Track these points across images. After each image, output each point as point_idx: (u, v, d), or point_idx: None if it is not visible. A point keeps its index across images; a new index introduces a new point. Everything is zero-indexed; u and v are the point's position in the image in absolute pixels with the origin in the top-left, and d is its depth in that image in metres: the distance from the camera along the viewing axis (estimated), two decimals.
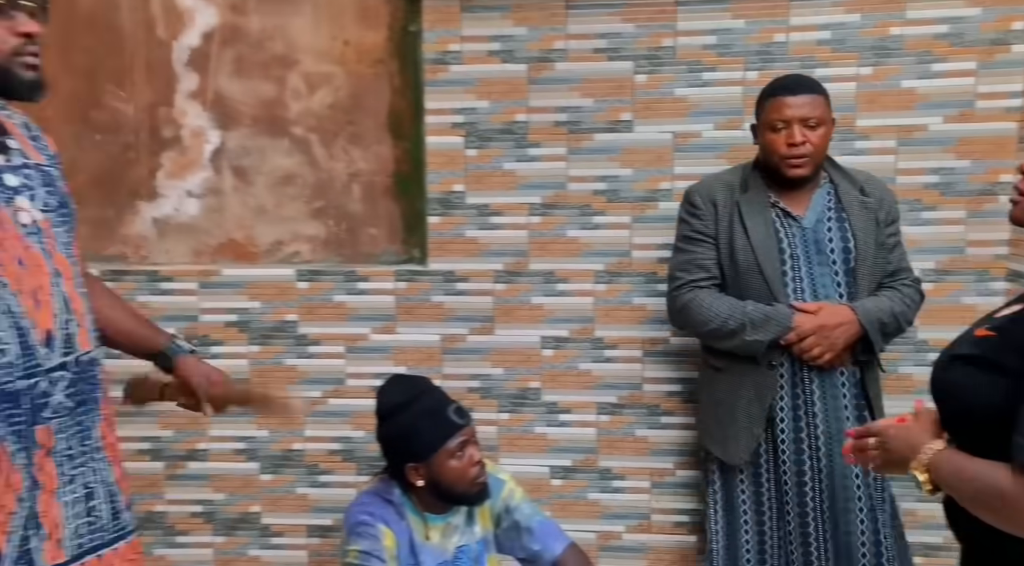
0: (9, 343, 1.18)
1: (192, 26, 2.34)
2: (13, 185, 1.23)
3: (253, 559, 2.53)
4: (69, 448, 1.26)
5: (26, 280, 1.20)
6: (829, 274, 1.89)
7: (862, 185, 1.94)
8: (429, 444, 1.72)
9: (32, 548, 1.22)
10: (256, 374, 2.45)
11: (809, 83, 1.91)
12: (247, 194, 2.42)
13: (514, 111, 2.29)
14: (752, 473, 1.95)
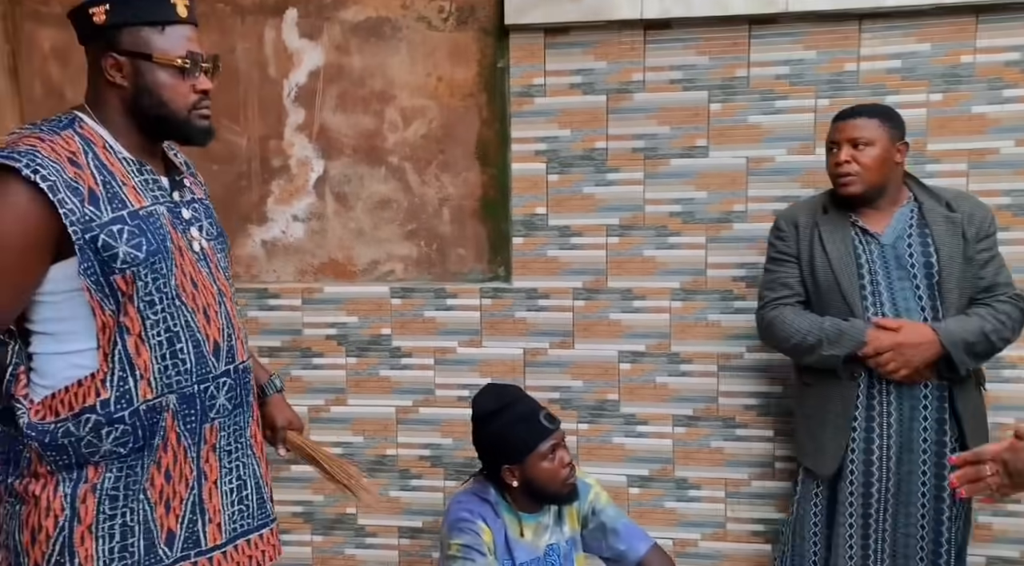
0: (188, 353, 1.37)
1: (300, 66, 2.57)
2: (187, 218, 1.43)
3: (349, 557, 2.71)
4: (228, 444, 1.45)
5: (199, 299, 1.39)
6: (911, 288, 1.92)
7: (948, 201, 1.97)
8: (523, 447, 1.86)
9: (197, 530, 1.41)
10: (352, 384, 2.65)
11: (867, 108, 1.98)
12: (347, 218, 2.62)
13: (594, 139, 2.44)
14: (828, 484, 2.01)
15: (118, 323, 1.30)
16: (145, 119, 1.37)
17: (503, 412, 1.91)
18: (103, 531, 1.33)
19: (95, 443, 1.31)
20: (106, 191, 1.30)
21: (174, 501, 1.38)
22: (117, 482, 1.33)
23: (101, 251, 1.27)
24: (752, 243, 2.39)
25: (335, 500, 2.67)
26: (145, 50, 1.34)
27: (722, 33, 2.34)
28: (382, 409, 2.64)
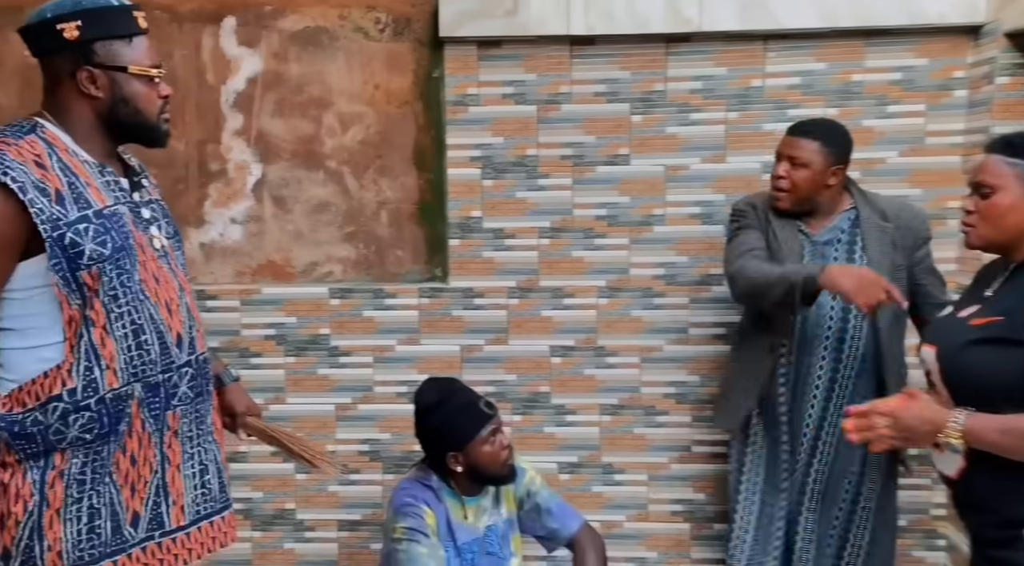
0: (152, 344, 1.44)
1: (238, 72, 2.62)
2: (147, 217, 1.50)
3: (288, 552, 2.77)
4: (190, 431, 1.52)
5: (161, 294, 1.46)
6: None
7: (884, 211, 2.11)
8: (465, 434, 1.99)
9: (161, 512, 1.48)
10: (291, 383, 2.72)
11: (813, 128, 2.10)
12: (285, 220, 2.69)
13: (525, 147, 2.59)
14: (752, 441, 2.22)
15: (84, 316, 1.37)
16: (119, 126, 1.45)
17: (445, 404, 2.03)
18: (71, 514, 1.39)
19: (62, 430, 1.37)
20: (71, 191, 1.36)
21: (139, 484, 1.45)
22: (84, 467, 1.39)
23: (68, 248, 1.34)
24: (670, 244, 2.59)
25: (274, 496, 2.74)
26: (120, 63, 1.41)
27: (642, 50, 2.53)
28: (321, 407, 2.72)
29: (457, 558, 2.03)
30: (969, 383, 1.45)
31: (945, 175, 2.50)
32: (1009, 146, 1.49)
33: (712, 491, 2.67)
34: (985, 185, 1.49)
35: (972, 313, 1.50)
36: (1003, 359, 1.39)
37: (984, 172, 1.50)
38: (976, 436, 1.38)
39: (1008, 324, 1.40)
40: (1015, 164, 1.46)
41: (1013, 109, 2.34)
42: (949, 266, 2.51)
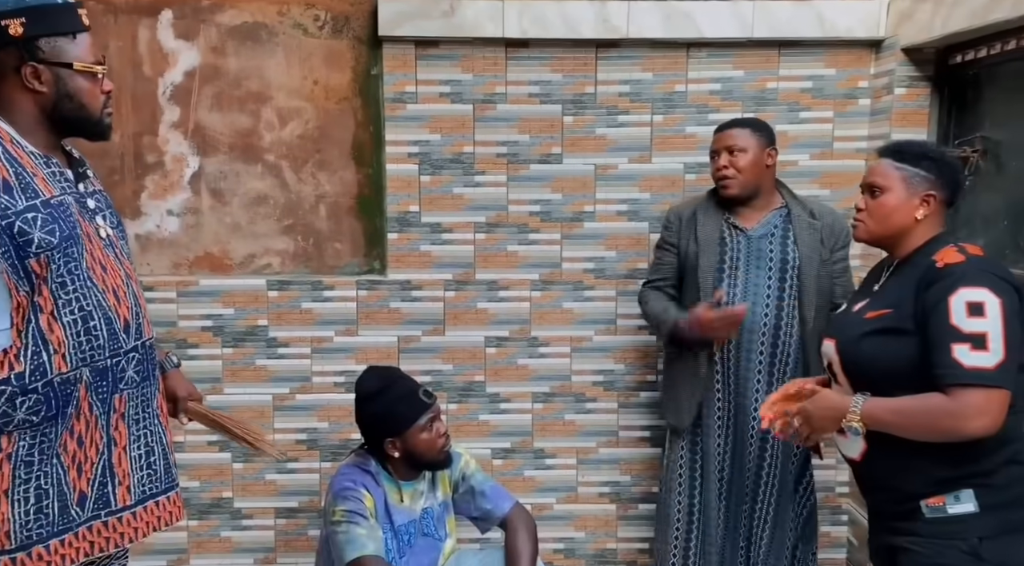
0: (101, 330, 1.48)
1: (176, 65, 2.63)
2: (92, 207, 1.54)
3: (225, 540, 2.81)
4: (136, 413, 1.56)
5: (108, 281, 1.51)
6: (764, 278, 2.21)
7: (812, 210, 2.26)
8: (404, 421, 2.07)
9: (108, 492, 1.52)
10: (229, 373, 2.74)
11: (740, 121, 2.27)
12: (223, 213, 2.72)
13: (462, 144, 2.68)
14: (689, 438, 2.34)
15: (32, 302, 1.40)
16: (63, 120, 1.48)
17: (385, 392, 2.10)
18: (19, 495, 1.42)
19: (9, 413, 1.40)
20: (19, 182, 1.40)
21: (85, 465, 1.49)
22: (31, 448, 1.43)
23: (17, 236, 1.37)
24: (600, 240, 2.73)
25: (211, 485, 2.77)
26: (65, 59, 1.45)
27: (573, 54, 2.65)
28: (259, 397, 2.76)
29: (394, 539, 2.11)
30: (864, 371, 1.60)
31: (850, 177, 2.70)
32: (898, 152, 1.65)
33: (638, 473, 2.82)
34: (875, 186, 1.64)
35: (863, 306, 1.66)
36: (892, 347, 1.55)
37: (875, 174, 1.66)
38: (873, 418, 1.53)
39: (896, 315, 1.55)
40: (902, 168, 1.62)
41: (909, 117, 2.55)
42: (854, 262, 2.71)
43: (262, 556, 2.82)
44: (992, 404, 1.43)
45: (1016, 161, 2.26)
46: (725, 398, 2.28)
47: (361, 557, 1.95)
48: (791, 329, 2.22)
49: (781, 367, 2.23)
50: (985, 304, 1.45)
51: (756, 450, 2.27)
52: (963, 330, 1.44)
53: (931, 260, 1.54)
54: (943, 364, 1.46)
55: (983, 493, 1.50)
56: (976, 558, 1.49)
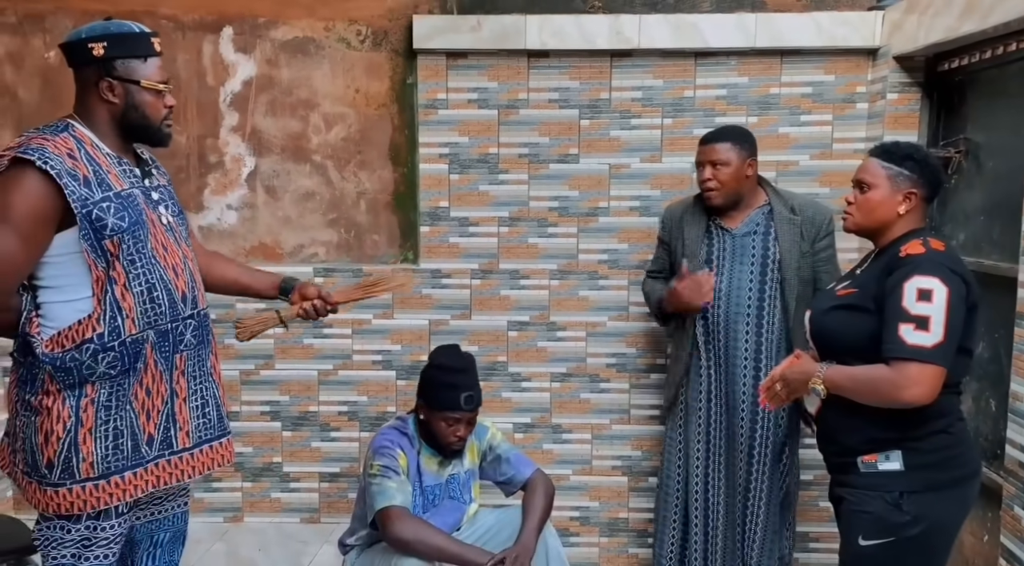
0: (162, 299, 1.77)
1: (235, 76, 2.96)
2: (156, 199, 1.83)
3: (275, 501, 3.13)
4: (194, 371, 1.85)
5: (168, 260, 1.80)
6: (747, 273, 2.39)
7: (793, 206, 2.42)
8: (435, 404, 2.31)
9: (171, 435, 1.82)
10: (280, 351, 3.06)
11: (723, 133, 2.40)
12: (275, 207, 3.04)
13: (488, 146, 2.95)
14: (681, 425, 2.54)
15: (108, 276, 1.70)
16: (129, 127, 1.78)
17: (444, 372, 2.33)
18: (100, 433, 1.72)
19: (93, 366, 1.70)
20: (96, 177, 1.70)
21: (153, 412, 1.78)
22: (110, 397, 1.72)
23: (95, 222, 1.67)
24: (613, 233, 2.97)
25: (263, 451, 3.09)
26: (135, 77, 1.75)
27: (589, 63, 2.90)
28: (306, 372, 3.07)
29: (421, 497, 2.38)
30: (827, 340, 1.83)
31: (848, 176, 2.77)
32: (886, 153, 1.83)
33: (647, 449, 3.06)
34: (864, 182, 1.83)
35: (840, 287, 1.88)
36: (852, 322, 1.76)
37: (864, 171, 1.85)
38: (833, 383, 1.75)
39: (860, 295, 1.76)
40: (888, 167, 1.80)
41: (901, 121, 2.74)
42: (852, 255, 2.90)
43: (307, 516, 3.13)
44: (925, 376, 1.63)
45: (993, 161, 2.44)
46: (716, 381, 2.46)
47: (389, 506, 2.23)
48: (773, 317, 2.41)
49: (767, 352, 2.42)
50: (933, 291, 1.64)
51: (747, 429, 2.44)
52: (911, 312, 1.64)
53: (898, 250, 1.74)
54: (890, 339, 1.66)
55: (910, 455, 1.71)
56: (897, 508, 1.70)
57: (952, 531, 1.76)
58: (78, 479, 1.71)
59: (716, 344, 2.46)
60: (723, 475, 2.49)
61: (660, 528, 2.63)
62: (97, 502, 1.72)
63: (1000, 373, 2.27)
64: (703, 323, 2.46)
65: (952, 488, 1.73)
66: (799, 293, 2.41)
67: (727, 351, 2.44)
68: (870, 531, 1.73)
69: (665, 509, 2.62)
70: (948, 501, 1.73)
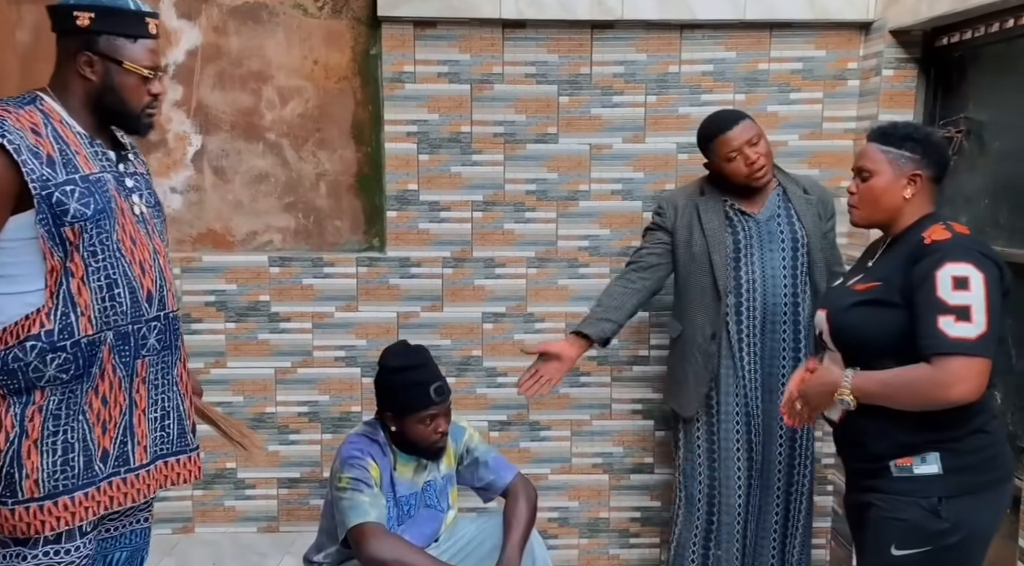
0: (124, 298, 1.57)
1: (178, 44, 2.68)
2: (130, 186, 1.63)
3: (229, 509, 2.89)
4: (156, 379, 1.65)
5: (136, 254, 1.60)
6: (779, 259, 2.26)
7: (804, 187, 2.33)
8: (406, 407, 2.12)
9: (128, 450, 1.62)
10: (232, 348, 2.81)
11: (735, 114, 2.26)
12: (225, 191, 2.77)
13: (460, 124, 2.74)
14: (706, 423, 2.36)
15: (64, 267, 1.51)
16: (105, 110, 1.59)
17: (401, 373, 2.15)
18: (47, 446, 1.52)
19: (40, 368, 1.49)
20: (61, 157, 1.51)
21: (109, 424, 1.58)
22: (60, 404, 1.53)
23: (55, 206, 1.48)
24: (594, 218, 2.79)
25: (215, 456, 2.84)
26: (117, 56, 1.55)
27: (569, 35, 2.70)
28: (261, 371, 2.83)
29: (395, 509, 2.19)
30: (850, 339, 1.68)
31: (839, 157, 2.77)
32: (884, 136, 1.71)
33: (629, 445, 2.91)
34: (864, 170, 1.71)
35: (856, 280, 1.74)
36: (878, 318, 1.62)
37: (863, 158, 1.73)
38: (862, 391, 1.61)
39: (884, 288, 1.63)
40: (888, 151, 1.68)
41: (897, 99, 2.61)
42: (840, 239, 2.79)
43: (265, 524, 2.90)
44: (972, 371, 1.50)
45: (997, 141, 2.33)
46: (752, 377, 2.29)
47: (363, 523, 2.03)
48: (806, 303, 2.29)
49: (805, 339, 2.28)
50: (970, 278, 1.52)
51: (787, 431, 2.30)
52: (948, 303, 1.51)
53: (920, 237, 1.61)
54: (929, 334, 1.53)
55: (948, 457, 1.58)
56: (935, 515, 1.58)
57: (989, 537, 1.65)
58: (21, 499, 1.51)
59: (753, 338, 2.29)
60: (761, 477, 2.34)
61: (679, 552, 2.43)
62: (42, 526, 1.53)
63: (1008, 365, 2.17)
64: (736, 318, 2.29)
65: (990, 491, 1.62)
66: (825, 275, 2.31)
67: (764, 343, 2.29)
68: (905, 540, 1.60)
69: (687, 522, 2.42)
70: (986, 504, 1.62)
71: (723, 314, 2.28)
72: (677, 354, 2.42)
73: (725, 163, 2.24)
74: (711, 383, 2.32)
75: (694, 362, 2.34)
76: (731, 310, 2.28)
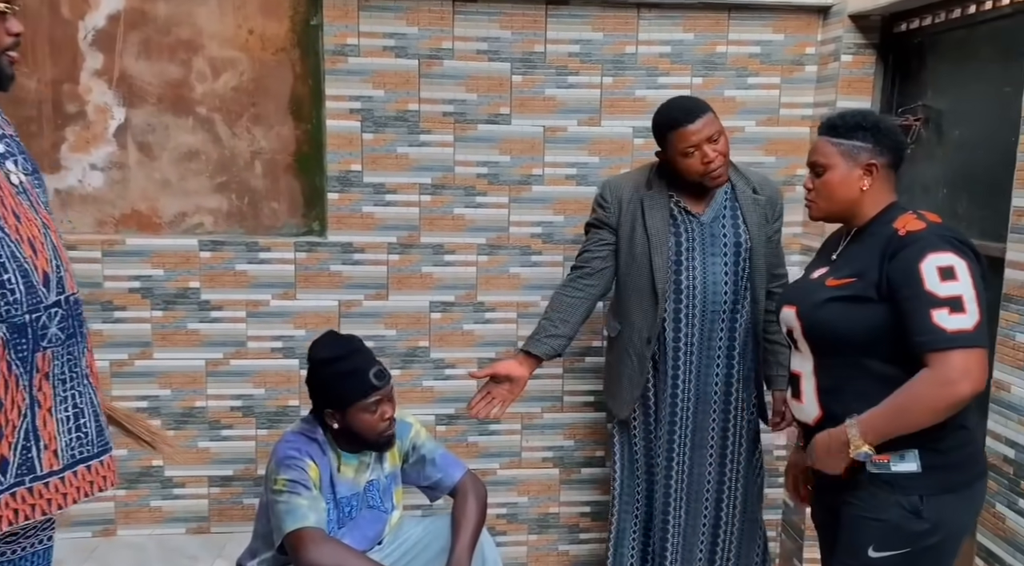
0: (16, 283, 1.35)
1: (98, 8, 2.45)
2: (1, 152, 1.40)
3: (155, 510, 2.70)
4: (62, 373, 1.44)
5: (23, 231, 1.37)
6: (720, 264, 2.12)
7: (755, 185, 2.17)
8: (346, 398, 1.97)
9: (32, 456, 1.40)
10: (159, 338, 2.62)
11: (698, 105, 2.06)
12: (151, 168, 2.56)
13: (407, 101, 2.59)
14: (643, 423, 2.26)
15: None
16: None
17: (335, 362, 2.00)
18: None
19: None
20: None
21: (7, 429, 1.37)
22: None
23: None
24: (548, 204, 2.68)
25: (139, 453, 2.65)
26: None
27: (523, 10, 2.57)
28: (191, 362, 2.64)
29: (336, 511, 2.05)
30: (826, 335, 1.61)
31: (795, 145, 2.71)
32: (833, 128, 1.64)
33: (581, 438, 2.82)
34: (818, 164, 1.65)
35: (823, 274, 1.67)
36: (853, 314, 1.55)
37: (816, 153, 1.66)
38: (874, 430, 1.50)
39: (859, 284, 1.56)
40: (839, 143, 1.62)
41: (855, 85, 2.57)
42: (796, 229, 2.75)
43: (195, 526, 2.72)
44: (974, 362, 1.44)
45: (956, 129, 2.30)
46: (686, 383, 2.19)
47: (301, 528, 1.89)
48: (745, 310, 2.18)
49: (739, 349, 2.19)
50: (955, 267, 1.46)
51: (718, 432, 2.22)
52: (939, 295, 1.45)
53: (892, 228, 1.55)
54: (924, 330, 1.45)
55: (928, 455, 1.52)
56: (916, 515, 1.52)
57: (964, 536, 1.61)
58: None
59: (690, 345, 2.18)
60: (686, 483, 2.25)
61: (617, 550, 2.36)
62: None
63: None
64: (674, 325, 2.17)
65: (969, 487, 1.57)
66: (767, 282, 2.20)
67: (700, 352, 2.18)
68: (884, 541, 1.54)
69: (623, 521, 2.35)
70: (966, 503, 1.57)
71: (660, 318, 2.16)
72: (614, 353, 2.31)
73: (680, 157, 2.06)
74: (646, 385, 2.22)
75: (629, 364, 2.23)
76: (669, 315, 2.16)
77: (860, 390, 1.56)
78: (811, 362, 1.65)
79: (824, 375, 1.62)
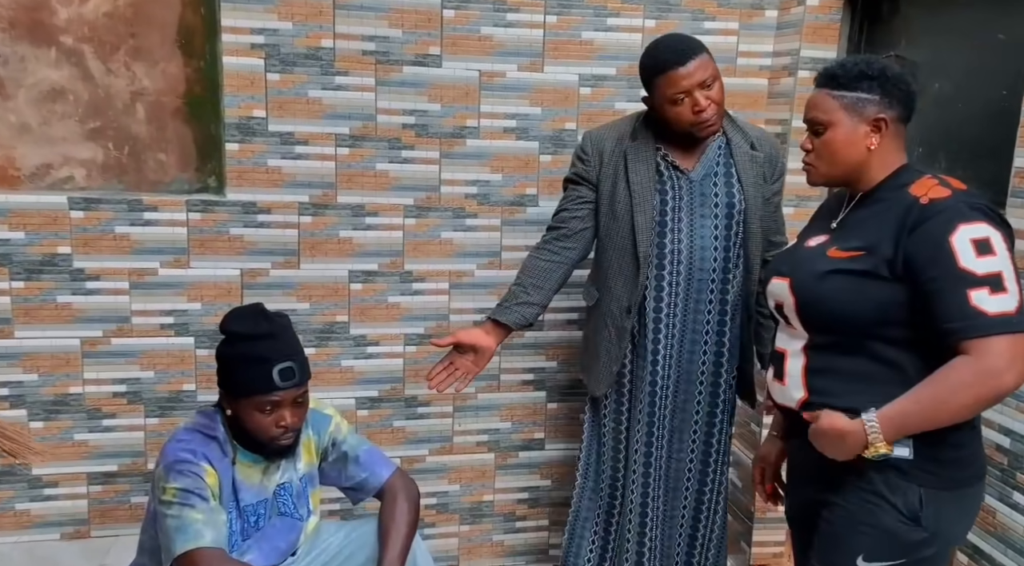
0: None
1: None
2: None
3: (21, 514, 2.31)
4: None
5: None
6: (710, 226, 1.91)
7: (753, 140, 1.95)
8: (242, 389, 1.66)
9: None
10: (21, 313, 2.20)
11: (691, 46, 1.83)
12: (5, 110, 2.12)
13: (319, 36, 2.22)
14: (615, 404, 2.04)
15: None
16: None
17: (241, 341, 1.67)
18: None
19: None
20: None
21: None
22: None
23: None
24: (485, 160, 2.38)
25: None
26: None
27: None
28: (63, 341, 2.25)
29: (240, 521, 1.73)
30: (824, 314, 1.39)
31: (752, 97, 2.49)
32: (832, 78, 1.43)
33: (519, 420, 2.58)
34: (817, 122, 1.43)
35: (823, 243, 1.45)
36: (861, 291, 1.34)
37: (813, 109, 1.44)
38: (900, 432, 1.30)
39: (869, 258, 1.35)
40: (841, 96, 1.40)
41: (820, 32, 2.35)
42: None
43: (71, 530, 2.35)
44: (1020, 350, 1.24)
45: (933, 83, 2.11)
46: (667, 358, 1.96)
47: (195, 549, 1.56)
48: (736, 280, 1.95)
49: (730, 322, 1.97)
50: (991, 239, 1.27)
51: (704, 415, 2.01)
52: (977, 272, 1.25)
53: (909, 195, 1.34)
54: (961, 315, 1.25)
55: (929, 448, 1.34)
56: (914, 523, 1.35)
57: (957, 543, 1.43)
58: None
59: (673, 318, 1.95)
60: (664, 469, 2.04)
61: (576, 532, 2.14)
62: None
63: None
64: (656, 294, 1.93)
65: (969, 487, 1.40)
66: (763, 249, 1.97)
67: (684, 326, 1.95)
68: (876, 551, 1.36)
69: (585, 509, 2.13)
70: (964, 506, 1.41)
71: (642, 286, 1.92)
72: (591, 325, 2.07)
73: (668, 105, 1.83)
74: (623, 361, 1.99)
75: (607, 337, 1.99)
76: (651, 283, 1.92)
77: (858, 374, 1.37)
78: (802, 340, 1.44)
79: (817, 356, 1.42)
